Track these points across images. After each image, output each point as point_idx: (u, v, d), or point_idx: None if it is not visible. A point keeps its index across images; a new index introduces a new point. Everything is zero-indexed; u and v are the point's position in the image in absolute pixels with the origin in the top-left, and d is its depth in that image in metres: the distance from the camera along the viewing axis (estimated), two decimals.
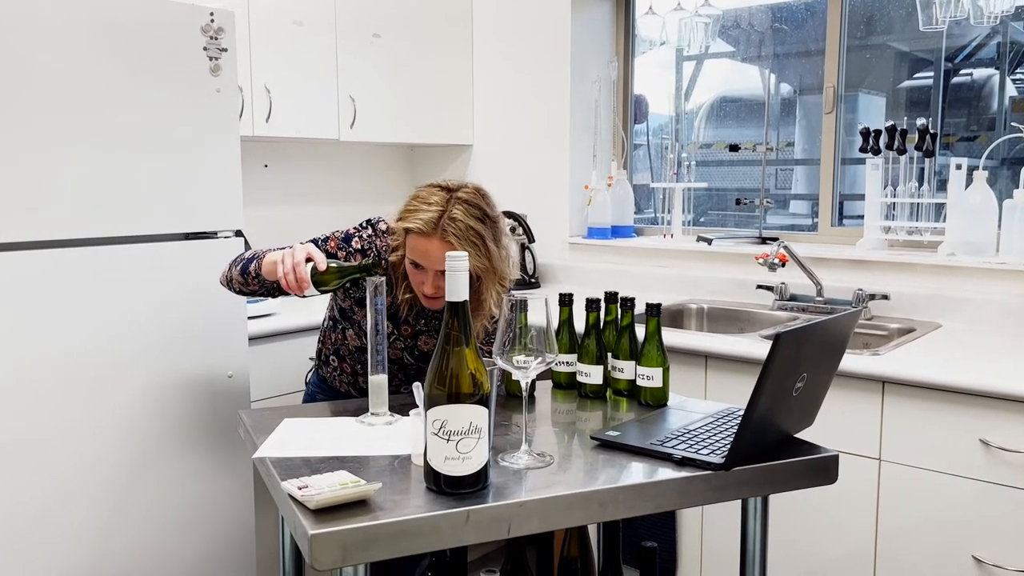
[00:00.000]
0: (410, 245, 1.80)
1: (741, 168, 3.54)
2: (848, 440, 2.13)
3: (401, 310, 1.93)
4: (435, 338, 1.97)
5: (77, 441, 1.92)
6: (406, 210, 1.83)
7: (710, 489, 1.40)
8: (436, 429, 1.25)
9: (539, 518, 1.29)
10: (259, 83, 2.82)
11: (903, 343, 2.33)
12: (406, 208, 1.83)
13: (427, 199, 1.80)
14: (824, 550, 2.22)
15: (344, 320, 1.98)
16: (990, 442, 1.94)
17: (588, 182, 3.50)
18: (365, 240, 1.92)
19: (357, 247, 1.91)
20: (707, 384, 2.39)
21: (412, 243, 1.79)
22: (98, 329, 1.94)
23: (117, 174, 1.95)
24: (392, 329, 1.94)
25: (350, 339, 1.98)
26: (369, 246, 1.91)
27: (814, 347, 1.41)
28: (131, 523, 2.03)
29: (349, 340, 1.99)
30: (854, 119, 3.09)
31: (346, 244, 1.91)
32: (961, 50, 2.96)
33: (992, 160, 2.77)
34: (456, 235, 1.76)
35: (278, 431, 1.62)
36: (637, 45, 3.63)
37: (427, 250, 1.77)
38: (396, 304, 1.93)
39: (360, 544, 1.18)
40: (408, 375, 2.00)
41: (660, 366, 1.75)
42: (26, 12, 1.78)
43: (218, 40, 2.09)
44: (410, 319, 1.95)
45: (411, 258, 1.81)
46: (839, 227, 3.11)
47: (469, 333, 1.27)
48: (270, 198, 3.30)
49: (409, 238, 1.80)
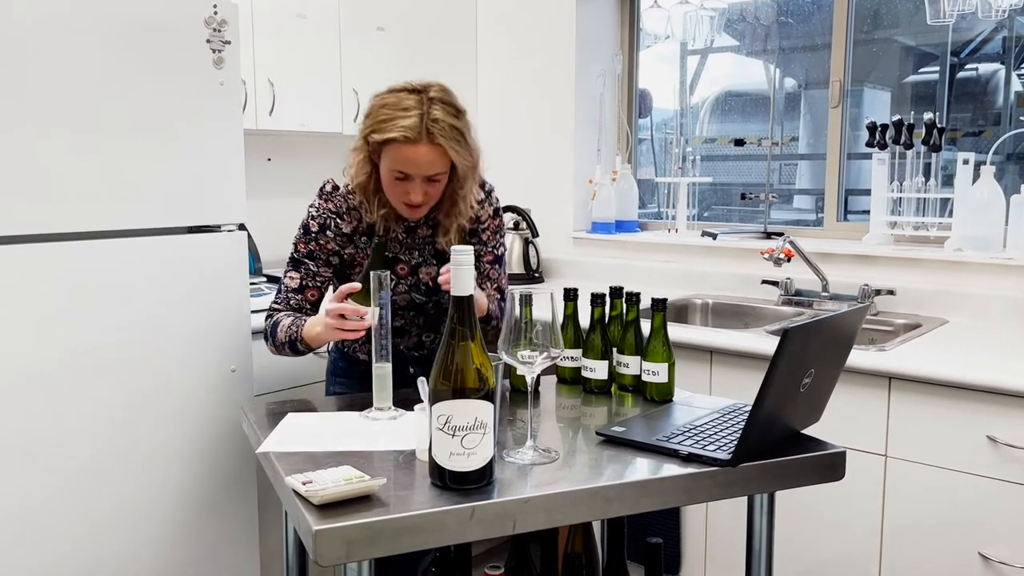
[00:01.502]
0: (393, 156, 1.74)
1: (746, 163, 3.53)
2: (854, 436, 2.13)
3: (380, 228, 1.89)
4: (434, 264, 1.94)
5: (78, 436, 1.92)
6: (378, 121, 1.75)
7: (716, 486, 1.39)
8: (441, 424, 1.25)
9: (544, 514, 1.28)
10: (262, 76, 2.81)
11: (909, 339, 2.32)
12: (376, 119, 1.75)
13: (399, 104, 1.73)
14: (829, 546, 2.22)
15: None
16: (997, 439, 1.93)
17: (592, 176, 3.49)
18: (319, 218, 1.90)
19: (315, 229, 1.90)
20: (712, 379, 2.38)
21: (396, 153, 1.73)
22: (100, 323, 1.93)
23: (119, 167, 1.94)
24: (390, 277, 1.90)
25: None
26: (326, 217, 1.89)
27: (822, 343, 1.40)
28: (133, 518, 2.02)
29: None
30: (859, 114, 3.07)
31: (309, 235, 1.90)
32: (967, 44, 2.94)
33: (998, 155, 2.76)
34: (444, 136, 1.72)
35: (282, 426, 1.62)
36: (642, 39, 3.62)
37: (414, 157, 1.72)
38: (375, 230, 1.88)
39: (364, 540, 1.17)
40: (427, 317, 1.96)
41: (665, 361, 1.74)
42: (28, 4, 1.77)
43: (221, 33, 2.08)
44: (401, 256, 1.92)
45: (397, 169, 1.75)
46: (844, 222, 3.09)
47: (475, 327, 1.27)
48: (273, 191, 3.29)
49: (390, 149, 1.74)
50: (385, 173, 1.79)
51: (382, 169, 1.80)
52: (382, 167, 1.79)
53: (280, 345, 1.89)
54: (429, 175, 1.76)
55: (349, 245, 1.93)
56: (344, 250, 1.93)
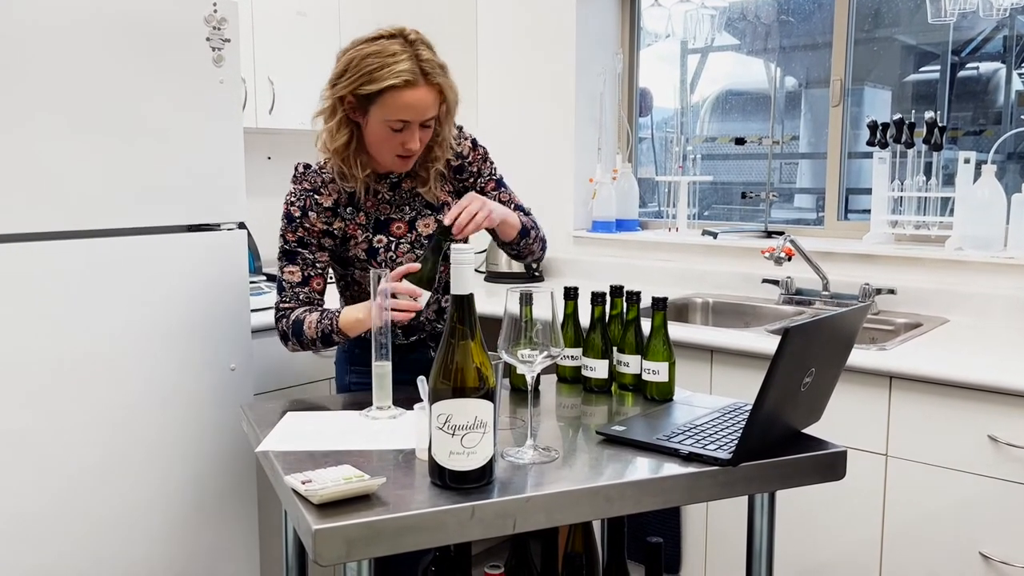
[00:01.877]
0: (391, 104, 1.70)
1: (746, 162, 3.52)
2: (854, 436, 2.12)
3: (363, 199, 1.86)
4: (428, 214, 1.91)
5: (77, 435, 1.91)
6: (365, 72, 1.69)
7: (717, 485, 1.38)
8: (441, 423, 1.24)
9: (544, 513, 1.28)
10: (262, 74, 2.80)
11: (910, 338, 2.32)
12: (363, 71, 1.70)
13: (386, 51, 1.69)
14: (830, 546, 2.21)
15: (348, 267, 1.92)
16: (998, 438, 1.93)
17: (593, 175, 3.48)
18: (297, 204, 1.85)
19: (298, 214, 1.85)
20: (712, 378, 2.38)
21: (395, 100, 1.69)
22: (99, 322, 1.93)
23: (119, 166, 1.94)
24: (386, 241, 1.87)
25: (360, 279, 1.92)
26: (304, 198, 1.84)
27: (823, 342, 1.40)
28: (133, 517, 2.02)
29: (360, 280, 1.93)
30: (860, 112, 3.07)
31: (293, 222, 1.85)
32: (968, 43, 2.94)
33: (999, 154, 2.75)
34: (439, 75, 1.71)
35: (281, 425, 1.61)
36: (642, 38, 3.61)
37: (414, 101, 1.70)
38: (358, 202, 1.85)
39: (364, 539, 1.17)
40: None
41: (666, 360, 1.74)
42: (27, 2, 1.77)
43: (221, 31, 2.07)
44: (393, 215, 1.88)
45: (396, 118, 1.71)
46: (845, 221, 3.09)
47: (475, 327, 1.26)
48: (273, 190, 3.27)
49: (387, 97, 1.69)
50: (378, 126, 1.74)
51: (372, 124, 1.75)
52: (373, 121, 1.74)
53: (309, 342, 1.83)
54: (426, 118, 1.73)
55: (336, 219, 1.87)
56: (332, 226, 1.87)
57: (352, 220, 1.88)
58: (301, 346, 1.86)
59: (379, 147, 1.79)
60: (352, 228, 1.88)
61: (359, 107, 1.75)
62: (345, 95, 1.74)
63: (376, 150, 1.81)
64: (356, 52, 1.74)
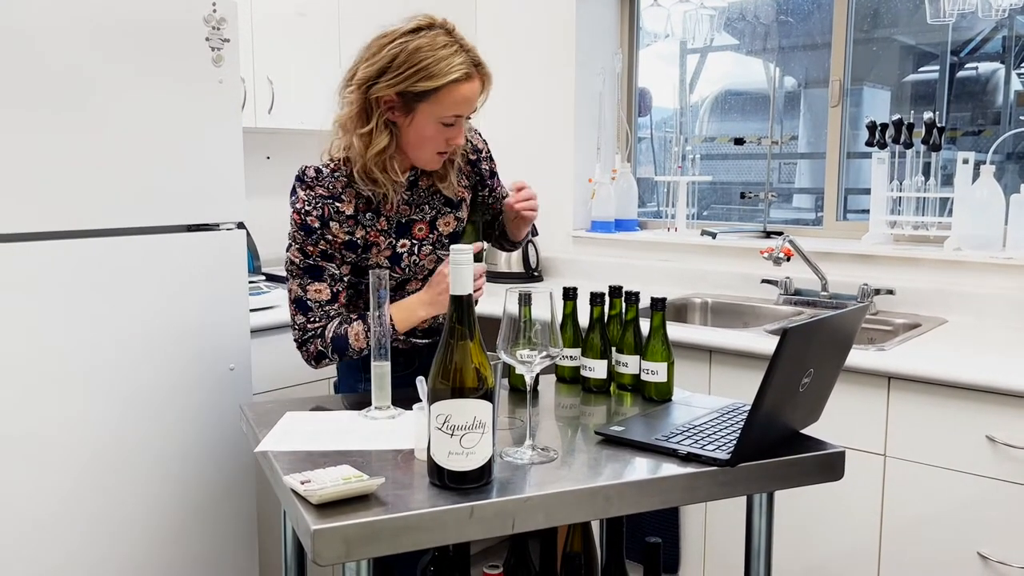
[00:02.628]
0: (448, 100, 1.63)
1: (745, 162, 3.52)
2: (853, 436, 2.12)
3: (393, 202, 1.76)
4: (448, 212, 1.85)
5: (76, 435, 1.91)
6: (420, 68, 1.61)
7: (716, 485, 1.38)
8: (440, 424, 1.24)
9: (543, 513, 1.28)
10: (262, 74, 2.80)
11: (909, 338, 2.32)
12: (416, 67, 1.61)
13: (436, 44, 1.62)
14: (829, 546, 2.22)
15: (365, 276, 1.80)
16: (996, 438, 1.93)
17: (592, 175, 3.48)
18: (316, 209, 1.71)
19: (318, 225, 1.71)
20: (711, 379, 2.38)
21: (453, 95, 1.63)
22: (98, 322, 1.93)
23: (118, 165, 1.94)
24: (409, 245, 1.79)
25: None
26: (322, 206, 1.71)
27: (821, 342, 1.40)
28: (131, 517, 2.02)
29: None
30: (859, 113, 3.07)
31: (314, 234, 1.72)
32: (967, 44, 2.94)
33: (998, 155, 2.76)
34: (485, 65, 1.68)
35: (280, 424, 1.61)
36: (641, 37, 3.61)
37: (471, 94, 1.65)
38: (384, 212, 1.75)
39: (363, 539, 1.17)
40: None
41: (665, 360, 1.74)
42: (26, 3, 1.76)
43: (220, 31, 2.07)
44: (414, 216, 1.81)
45: (452, 113, 1.65)
46: (844, 221, 3.09)
47: (474, 327, 1.26)
48: (272, 190, 3.28)
49: (443, 93, 1.62)
50: (428, 124, 1.66)
51: (420, 121, 1.66)
52: (421, 119, 1.66)
53: (359, 351, 1.75)
54: (473, 110, 1.69)
55: (358, 227, 1.75)
56: (355, 235, 1.75)
57: (373, 227, 1.77)
58: (340, 360, 1.78)
59: (421, 146, 1.71)
60: (374, 235, 1.77)
61: (403, 106, 1.66)
62: (386, 95, 1.65)
63: (417, 149, 1.72)
64: (399, 47, 1.63)
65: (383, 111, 1.68)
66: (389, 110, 1.68)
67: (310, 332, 1.77)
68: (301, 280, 1.75)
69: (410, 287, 1.85)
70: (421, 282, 1.84)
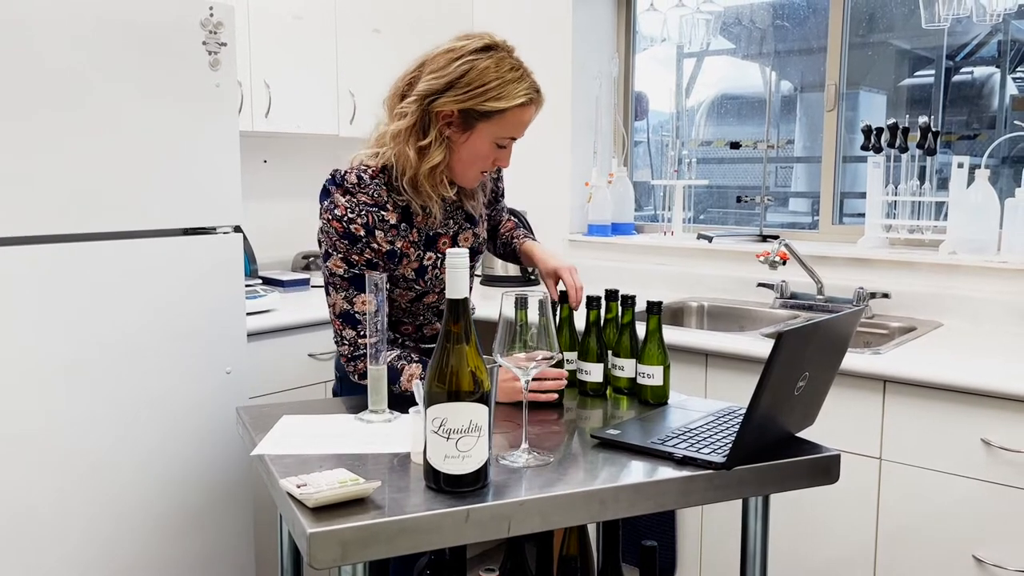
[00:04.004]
0: (511, 122, 1.65)
1: (742, 165, 3.53)
2: (849, 439, 2.13)
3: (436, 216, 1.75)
4: (468, 228, 1.86)
5: (73, 437, 1.91)
6: (489, 88, 1.61)
7: (711, 488, 1.39)
8: (436, 427, 1.24)
9: (539, 517, 1.28)
10: (258, 78, 2.81)
11: (904, 342, 2.32)
12: (485, 86, 1.61)
13: (504, 66, 1.62)
14: (824, 549, 2.22)
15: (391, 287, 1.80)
16: (991, 442, 1.94)
17: (589, 179, 3.49)
18: (360, 217, 1.67)
19: (363, 233, 1.67)
20: (707, 382, 2.38)
21: (516, 118, 1.65)
22: (95, 325, 1.93)
23: (115, 169, 1.94)
24: (434, 259, 1.78)
25: (398, 298, 1.81)
26: (367, 213, 1.68)
27: (817, 346, 1.40)
28: (128, 519, 2.02)
29: (398, 299, 1.81)
30: (855, 117, 3.08)
31: (358, 242, 1.68)
32: (962, 48, 2.95)
33: (993, 159, 2.77)
34: (543, 93, 1.70)
35: (277, 428, 1.61)
36: (638, 42, 3.62)
37: (529, 119, 1.68)
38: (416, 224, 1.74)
39: (359, 543, 1.17)
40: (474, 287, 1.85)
41: (661, 364, 1.74)
42: (23, 6, 1.77)
43: (217, 34, 2.08)
44: (439, 230, 1.80)
45: (510, 135, 1.68)
46: (840, 225, 3.10)
47: (470, 330, 1.26)
48: (269, 193, 3.29)
49: (508, 115, 1.64)
50: (484, 144, 1.67)
51: (478, 141, 1.67)
52: (479, 138, 1.66)
53: (403, 391, 1.70)
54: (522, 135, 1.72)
55: (398, 238, 1.73)
56: (395, 245, 1.72)
57: (406, 238, 1.74)
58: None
59: (471, 164, 1.71)
60: (406, 246, 1.74)
61: (463, 123, 1.65)
62: (447, 110, 1.63)
63: (465, 166, 1.72)
64: (468, 64, 1.62)
65: (442, 126, 1.66)
66: (447, 125, 1.66)
67: (362, 349, 1.71)
68: (347, 292, 1.72)
69: (428, 299, 1.84)
70: (438, 295, 1.84)
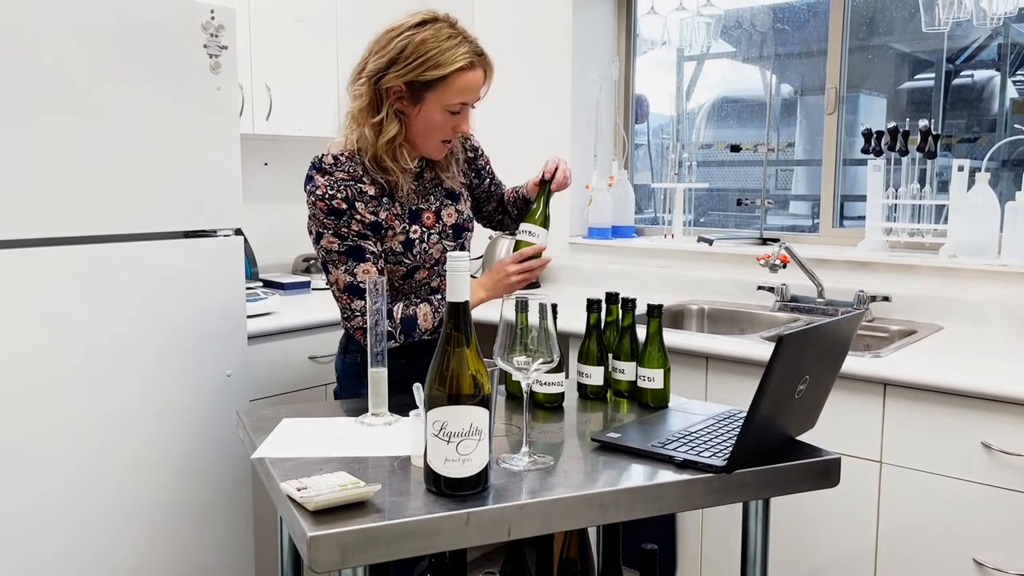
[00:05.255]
0: (454, 88, 1.72)
1: (742, 168, 3.53)
2: (849, 442, 2.13)
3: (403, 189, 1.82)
4: (449, 204, 1.91)
5: (73, 440, 1.91)
6: (427, 58, 1.69)
7: (711, 492, 1.39)
8: (436, 430, 1.24)
9: (539, 520, 1.28)
10: (259, 81, 2.81)
11: (904, 345, 2.32)
12: (423, 57, 1.69)
13: (440, 36, 1.70)
14: (824, 553, 2.22)
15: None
16: (992, 445, 1.94)
17: (589, 182, 3.49)
18: (341, 191, 1.75)
19: (345, 206, 1.75)
20: (708, 385, 2.38)
21: (459, 83, 1.72)
22: (96, 327, 1.93)
23: (116, 171, 1.94)
24: (420, 232, 1.85)
25: (390, 274, 1.85)
26: (346, 187, 1.75)
27: (817, 349, 1.40)
28: (127, 522, 2.02)
29: (390, 275, 1.86)
30: (855, 120, 3.08)
31: (343, 215, 1.75)
32: (962, 51, 2.95)
33: (993, 162, 2.77)
34: (488, 56, 1.76)
35: (277, 431, 1.61)
36: (638, 45, 3.62)
37: (475, 82, 1.74)
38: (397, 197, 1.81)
39: (359, 546, 1.17)
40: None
41: (661, 367, 1.74)
42: (24, 9, 1.77)
43: (218, 37, 2.08)
44: (421, 204, 1.87)
45: (458, 100, 1.74)
46: (840, 228, 3.10)
47: (470, 333, 1.27)
48: (270, 196, 3.29)
49: (451, 81, 1.71)
50: (436, 112, 1.75)
51: (428, 110, 1.75)
52: (429, 108, 1.74)
53: (423, 332, 1.81)
54: (478, 99, 1.78)
55: (380, 208, 1.80)
56: (379, 215, 1.80)
57: (390, 211, 1.82)
58: (405, 341, 1.81)
59: (428, 134, 1.78)
60: (391, 218, 1.82)
61: (411, 95, 1.74)
62: (395, 85, 1.73)
63: (424, 138, 1.80)
64: (406, 39, 1.71)
65: (392, 101, 1.76)
66: (398, 100, 1.76)
67: (363, 313, 1.78)
68: (346, 265, 1.78)
69: (419, 275, 1.88)
70: (428, 271, 1.89)
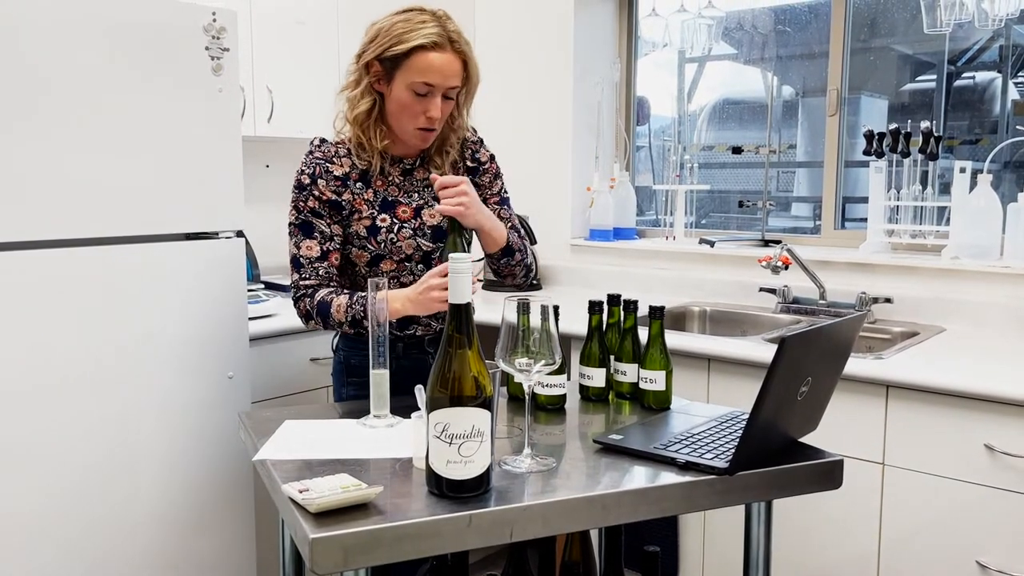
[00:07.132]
0: (418, 67, 1.74)
1: (743, 170, 3.53)
2: (851, 444, 2.12)
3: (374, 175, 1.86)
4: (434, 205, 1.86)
5: (74, 442, 1.91)
6: (394, 35, 1.74)
7: (714, 494, 1.38)
8: (438, 432, 1.24)
9: (541, 522, 1.28)
10: (261, 83, 2.81)
11: (906, 347, 2.32)
12: (392, 35, 1.74)
13: (415, 19, 1.75)
14: (827, 555, 2.21)
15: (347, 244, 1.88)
16: (994, 447, 1.93)
17: (590, 184, 3.49)
18: (309, 168, 1.84)
19: (308, 181, 1.83)
20: (710, 387, 2.38)
21: (421, 62, 1.73)
22: (97, 329, 1.93)
23: (118, 174, 1.94)
24: (389, 222, 1.86)
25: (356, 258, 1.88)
26: (315, 166, 1.84)
27: (819, 351, 1.40)
28: (129, 524, 2.02)
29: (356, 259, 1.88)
30: (856, 121, 3.08)
31: (304, 190, 1.83)
32: (964, 53, 2.95)
33: (995, 163, 2.76)
34: (464, 45, 1.78)
35: (279, 433, 1.61)
36: (640, 47, 3.62)
37: (441, 65, 1.74)
38: (370, 175, 1.86)
39: (361, 548, 1.17)
40: (431, 265, 1.86)
41: (663, 369, 1.74)
42: (27, 11, 1.77)
43: (220, 40, 2.08)
44: (400, 199, 1.88)
45: (421, 80, 1.75)
46: (842, 230, 3.10)
47: (472, 335, 1.26)
48: (272, 198, 3.28)
49: (414, 59, 1.74)
50: (403, 92, 1.77)
51: (397, 90, 1.78)
52: (398, 87, 1.77)
53: (336, 324, 1.81)
54: (449, 87, 1.78)
55: (345, 191, 1.85)
56: (341, 196, 1.84)
57: (360, 195, 1.86)
58: (325, 327, 1.84)
59: (401, 117, 1.80)
60: (358, 202, 1.85)
61: (384, 74, 1.78)
62: (371, 61, 1.78)
63: (397, 120, 1.82)
64: (385, 21, 1.79)
65: (371, 78, 1.81)
66: (377, 80, 1.81)
67: (301, 290, 1.84)
68: (296, 238, 1.85)
69: (384, 265, 1.89)
70: (396, 264, 1.89)
